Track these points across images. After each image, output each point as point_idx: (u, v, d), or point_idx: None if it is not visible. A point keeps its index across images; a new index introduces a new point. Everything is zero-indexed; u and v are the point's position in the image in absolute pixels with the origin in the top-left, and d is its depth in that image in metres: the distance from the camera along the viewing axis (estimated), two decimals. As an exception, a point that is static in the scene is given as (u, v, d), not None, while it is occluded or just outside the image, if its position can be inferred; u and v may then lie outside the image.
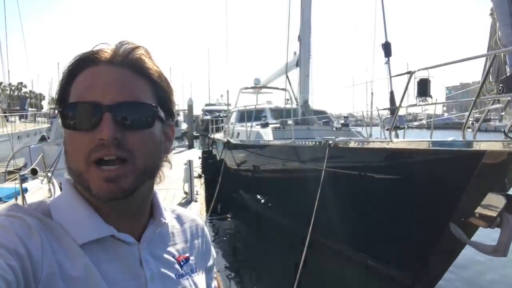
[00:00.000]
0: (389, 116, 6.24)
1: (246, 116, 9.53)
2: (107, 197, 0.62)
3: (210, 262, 0.86)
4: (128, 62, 0.66)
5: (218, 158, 11.57)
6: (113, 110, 0.61)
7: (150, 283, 0.67)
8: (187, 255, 0.78)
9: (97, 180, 0.61)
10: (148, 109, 0.65)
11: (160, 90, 0.69)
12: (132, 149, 0.63)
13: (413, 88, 4.03)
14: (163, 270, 0.71)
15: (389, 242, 4.32)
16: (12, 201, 4.86)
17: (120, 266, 0.65)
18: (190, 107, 24.50)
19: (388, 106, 6.71)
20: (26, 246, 0.55)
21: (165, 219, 0.75)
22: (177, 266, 0.74)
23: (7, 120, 15.48)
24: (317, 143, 5.34)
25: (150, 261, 0.69)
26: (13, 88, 53.48)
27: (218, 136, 13.80)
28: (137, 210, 0.71)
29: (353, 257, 4.93)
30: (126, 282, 0.64)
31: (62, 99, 0.66)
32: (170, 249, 0.75)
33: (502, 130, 3.28)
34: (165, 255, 0.73)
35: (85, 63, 0.65)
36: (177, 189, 8.18)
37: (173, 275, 0.72)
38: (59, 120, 0.65)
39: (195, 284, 0.75)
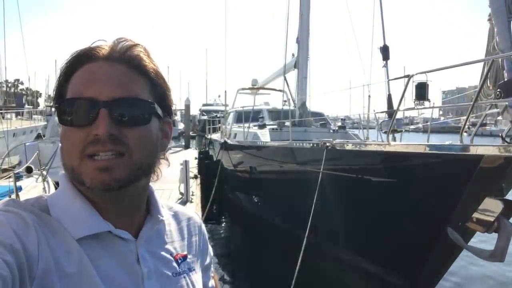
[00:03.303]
0: (386, 119, 6.24)
1: (243, 117, 9.51)
2: (100, 187, 0.61)
3: (208, 261, 0.86)
4: (125, 59, 0.65)
5: (214, 159, 11.53)
6: (110, 106, 0.61)
7: (146, 280, 0.66)
8: (185, 253, 0.77)
9: (90, 170, 0.61)
10: (145, 106, 0.65)
11: (157, 87, 0.69)
12: (129, 145, 0.62)
13: (411, 92, 4.04)
14: (160, 267, 0.70)
15: (386, 245, 4.31)
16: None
17: (117, 263, 0.65)
18: (187, 107, 24.54)
19: (384, 109, 6.72)
20: (22, 241, 0.54)
21: (163, 217, 0.75)
22: (174, 264, 0.73)
23: (3, 117, 15.37)
24: (315, 145, 5.33)
25: (147, 258, 0.68)
26: (9, 85, 53.28)
27: (215, 136, 13.80)
28: (133, 206, 0.70)
29: (349, 260, 4.91)
30: (122, 278, 0.64)
31: (60, 95, 0.66)
32: (167, 246, 0.75)
33: (500, 135, 3.28)
34: (163, 253, 0.73)
35: (82, 59, 0.65)
36: (173, 189, 8.16)
37: (170, 273, 0.71)
38: (55, 117, 0.64)
39: (192, 282, 0.74)
